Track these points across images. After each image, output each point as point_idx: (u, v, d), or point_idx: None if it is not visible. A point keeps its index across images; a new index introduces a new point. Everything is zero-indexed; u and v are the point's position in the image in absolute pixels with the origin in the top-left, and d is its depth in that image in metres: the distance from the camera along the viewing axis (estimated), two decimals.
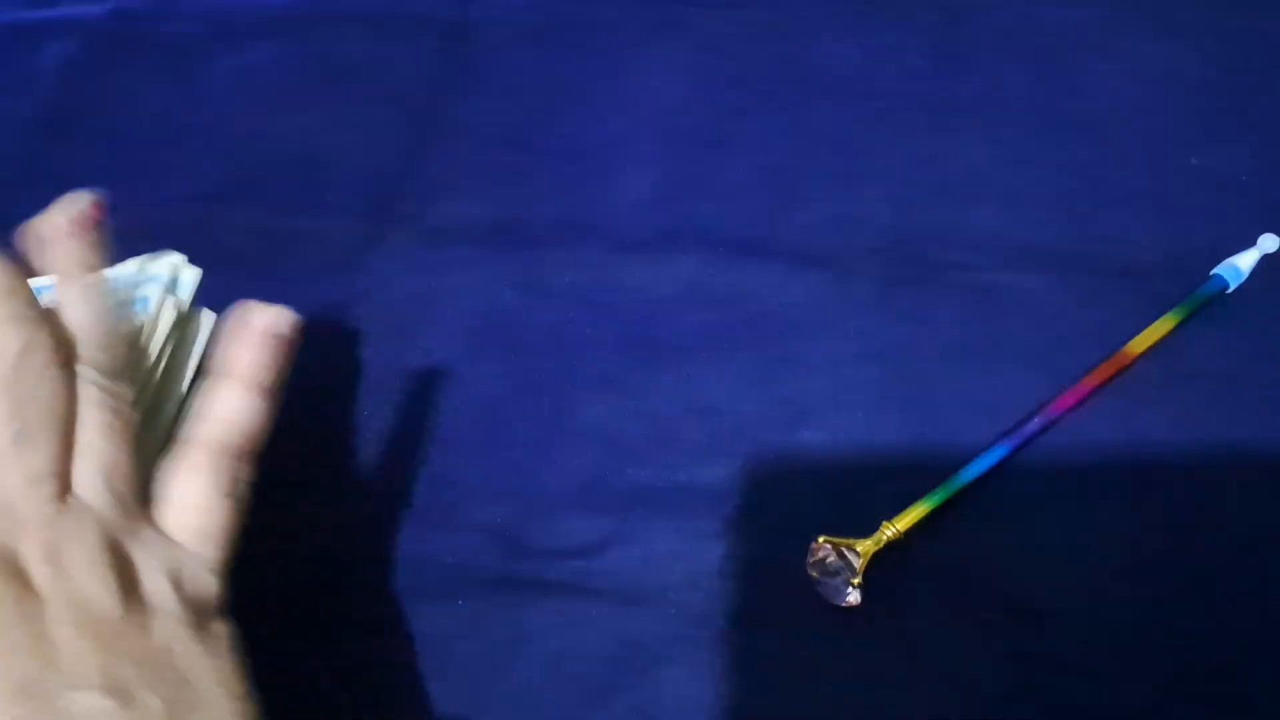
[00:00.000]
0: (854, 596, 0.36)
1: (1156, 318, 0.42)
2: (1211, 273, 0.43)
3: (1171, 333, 0.41)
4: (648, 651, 0.36)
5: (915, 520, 0.37)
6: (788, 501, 0.39)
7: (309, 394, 0.43)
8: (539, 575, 0.38)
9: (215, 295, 0.46)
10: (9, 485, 0.26)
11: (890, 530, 0.37)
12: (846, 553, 0.37)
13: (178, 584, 0.28)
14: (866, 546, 0.37)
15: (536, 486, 0.40)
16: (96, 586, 0.26)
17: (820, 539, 0.37)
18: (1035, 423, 0.39)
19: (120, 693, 0.25)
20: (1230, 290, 0.42)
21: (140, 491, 0.29)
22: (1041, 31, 0.53)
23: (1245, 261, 0.43)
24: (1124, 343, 0.41)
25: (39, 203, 0.51)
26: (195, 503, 0.29)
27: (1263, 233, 0.43)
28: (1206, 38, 0.52)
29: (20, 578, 0.25)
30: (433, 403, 0.43)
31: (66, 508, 0.27)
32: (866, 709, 0.34)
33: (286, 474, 0.40)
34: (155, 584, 0.27)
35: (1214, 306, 0.42)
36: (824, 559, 0.37)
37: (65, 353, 0.28)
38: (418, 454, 0.41)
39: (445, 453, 0.41)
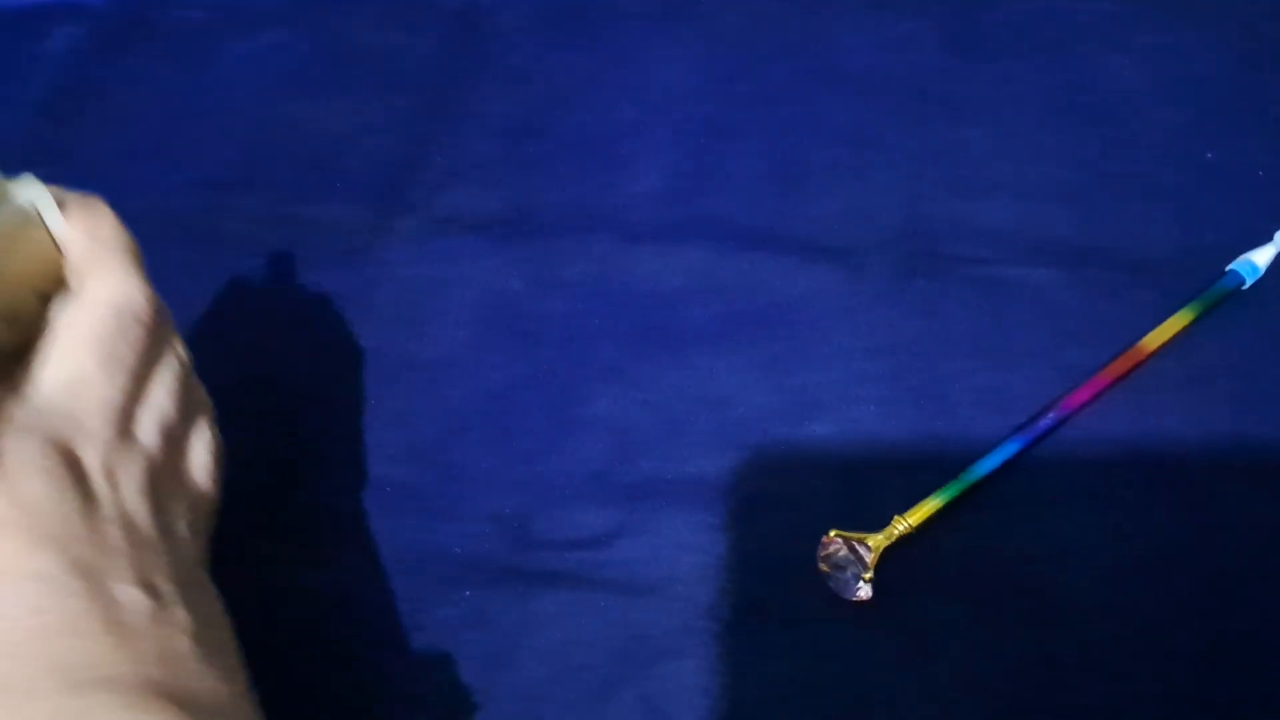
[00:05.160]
0: (865, 591, 0.36)
1: (1171, 313, 0.41)
2: (1227, 268, 0.42)
3: (1186, 329, 0.41)
4: (655, 643, 0.36)
5: (927, 515, 0.37)
6: (798, 494, 0.39)
7: (316, 382, 0.43)
8: (546, 566, 0.37)
9: (222, 281, 0.45)
10: (86, 402, 0.29)
11: (902, 525, 0.37)
12: (858, 547, 0.36)
13: (194, 527, 0.31)
14: (878, 541, 0.36)
15: (544, 477, 0.40)
16: (141, 507, 0.29)
17: (831, 533, 0.37)
18: (1049, 418, 0.39)
19: (157, 595, 0.28)
20: (1246, 286, 0.42)
21: (183, 447, 0.32)
22: (1056, 24, 0.53)
23: (1261, 257, 0.42)
24: (1138, 338, 0.41)
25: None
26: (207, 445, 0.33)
27: (1279, 228, 0.43)
28: (1223, 32, 0.52)
29: (81, 478, 0.28)
30: (440, 392, 0.42)
31: (125, 441, 0.30)
32: (876, 704, 0.34)
33: (292, 463, 0.40)
34: (181, 525, 0.31)
35: (1229, 302, 0.42)
36: (835, 553, 0.36)
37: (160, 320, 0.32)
38: (425, 444, 0.41)
39: (453, 443, 0.41)
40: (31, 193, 0.31)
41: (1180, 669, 0.34)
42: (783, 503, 0.38)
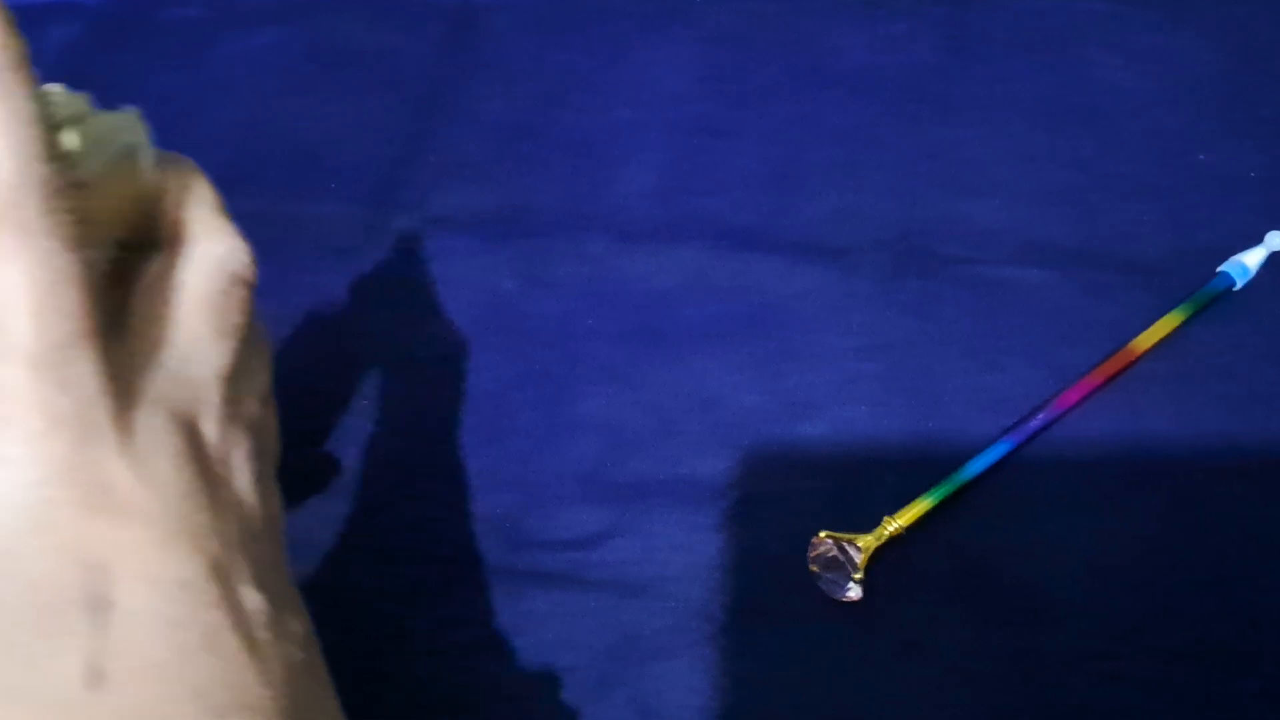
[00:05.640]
0: (855, 592, 0.36)
1: (1162, 314, 0.41)
2: (1218, 269, 0.42)
3: (1177, 329, 0.41)
4: (647, 644, 0.36)
5: (917, 515, 0.37)
6: (789, 495, 0.39)
7: (307, 381, 0.43)
8: (538, 566, 0.38)
9: None
10: (201, 369, 0.26)
11: (892, 525, 0.37)
12: (848, 547, 0.36)
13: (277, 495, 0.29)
14: (868, 541, 0.36)
15: (537, 477, 0.40)
16: (249, 488, 0.26)
17: (822, 533, 0.37)
18: (1039, 418, 0.39)
19: (273, 597, 0.25)
20: (1237, 288, 0.42)
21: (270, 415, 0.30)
22: (1050, 25, 0.53)
23: (1252, 259, 0.42)
24: (1129, 339, 0.41)
25: None
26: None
27: (1270, 230, 0.43)
28: (1216, 33, 0.52)
29: (205, 459, 0.25)
30: (433, 392, 0.42)
31: (235, 413, 0.27)
32: (867, 705, 0.34)
33: (283, 461, 0.40)
34: (274, 498, 0.28)
35: (1220, 304, 0.42)
36: (825, 553, 0.36)
37: None
38: (418, 443, 0.41)
39: (445, 442, 0.41)
40: (129, 129, 0.28)
41: (1169, 669, 0.34)
42: (774, 503, 0.39)
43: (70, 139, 0.26)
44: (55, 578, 0.22)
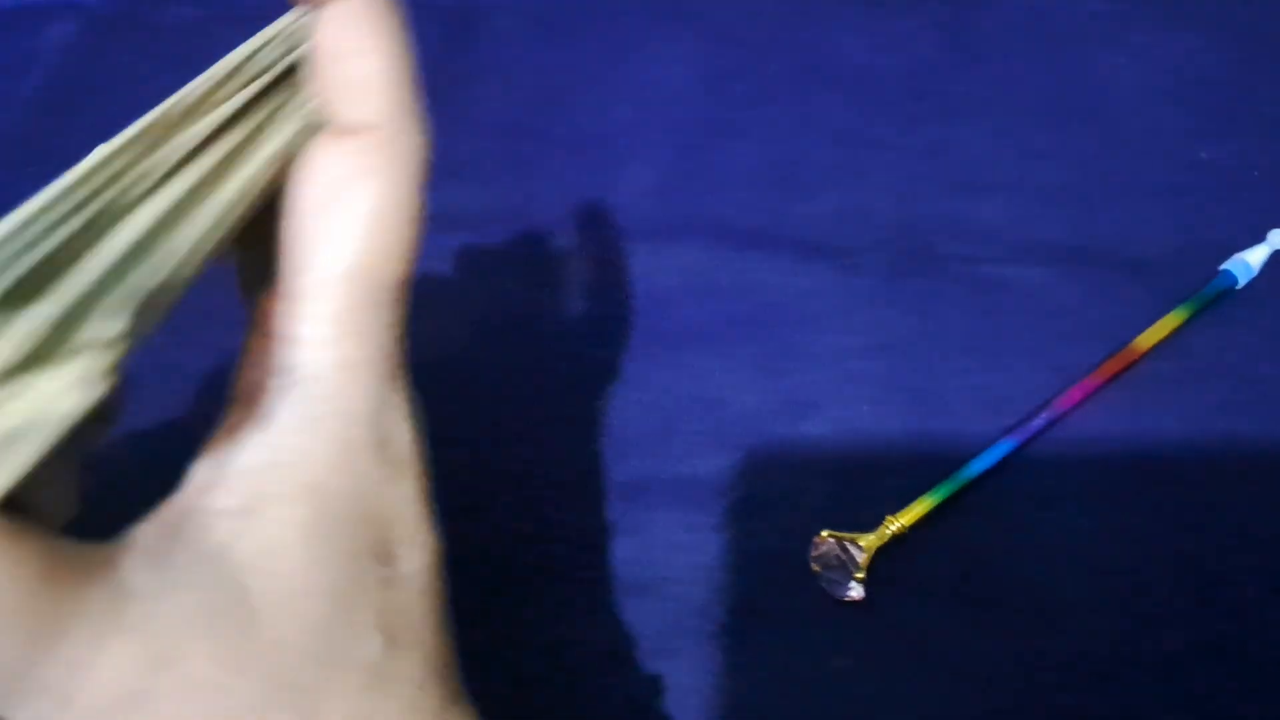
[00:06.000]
0: (857, 591, 0.36)
1: (1165, 313, 0.41)
2: (1221, 268, 0.42)
3: (1180, 328, 0.41)
4: (646, 643, 0.35)
5: (920, 515, 0.37)
6: (790, 494, 0.38)
7: None
8: (538, 565, 0.37)
9: (211, 285, 0.45)
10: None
11: (894, 524, 0.36)
12: (850, 547, 0.36)
13: None
14: (870, 541, 0.36)
15: (536, 476, 0.39)
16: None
17: (823, 533, 0.37)
18: (1042, 418, 0.39)
19: None
20: (1240, 286, 0.42)
21: None
22: (1051, 23, 0.53)
23: (1255, 257, 0.42)
24: (1132, 338, 0.41)
25: (37, 186, 0.51)
26: None
27: (1273, 228, 0.43)
28: (1218, 31, 0.52)
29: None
30: (432, 391, 0.42)
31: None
32: (868, 705, 0.34)
33: None
34: None
35: (1223, 302, 0.42)
36: (827, 553, 0.36)
37: None
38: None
39: (444, 443, 0.40)
40: None
41: (1173, 669, 0.34)
42: (775, 502, 0.38)
43: None
44: (354, 522, 0.20)
